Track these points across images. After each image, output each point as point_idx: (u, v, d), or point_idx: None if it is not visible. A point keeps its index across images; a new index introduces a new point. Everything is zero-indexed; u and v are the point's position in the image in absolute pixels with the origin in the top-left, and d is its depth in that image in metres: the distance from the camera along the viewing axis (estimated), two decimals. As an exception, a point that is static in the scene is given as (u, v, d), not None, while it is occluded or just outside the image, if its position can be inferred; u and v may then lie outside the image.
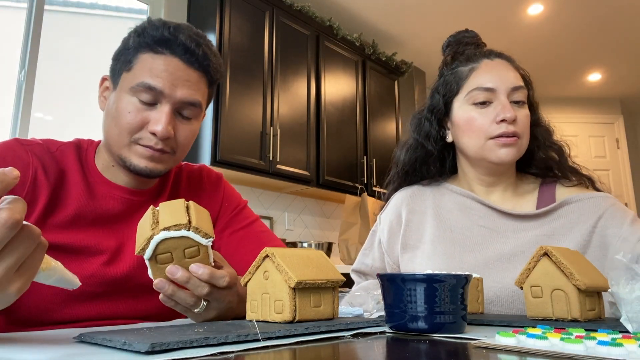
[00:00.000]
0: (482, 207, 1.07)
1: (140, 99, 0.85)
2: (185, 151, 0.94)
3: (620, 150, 5.45)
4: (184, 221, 0.63)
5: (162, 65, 0.85)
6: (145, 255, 0.65)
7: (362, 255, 1.22)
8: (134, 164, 0.87)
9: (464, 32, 1.16)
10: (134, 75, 0.87)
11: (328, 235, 3.80)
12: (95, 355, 0.46)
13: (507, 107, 0.99)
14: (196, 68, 0.89)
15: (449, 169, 1.19)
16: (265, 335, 0.53)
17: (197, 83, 0.89)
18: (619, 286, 0.61)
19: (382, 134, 3.90)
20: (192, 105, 0.89)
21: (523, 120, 1.01)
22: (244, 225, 1.04)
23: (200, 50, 0.88)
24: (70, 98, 2.71)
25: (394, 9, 3.79)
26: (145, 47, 0.87)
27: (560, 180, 1.08)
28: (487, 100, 1.02)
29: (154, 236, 0.63)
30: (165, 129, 0.85)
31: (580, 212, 1.00)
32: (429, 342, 0.56)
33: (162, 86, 0.85)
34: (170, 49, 0.86)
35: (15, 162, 0.84)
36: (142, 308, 0.92)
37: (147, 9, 3.01)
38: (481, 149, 1.03)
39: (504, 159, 1.01)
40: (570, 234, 0.98)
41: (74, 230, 0.87)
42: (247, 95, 2.92)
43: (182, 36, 0.87)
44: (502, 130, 0.99)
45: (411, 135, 1.17)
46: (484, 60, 1.06)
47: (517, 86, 1.02)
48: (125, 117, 0.85)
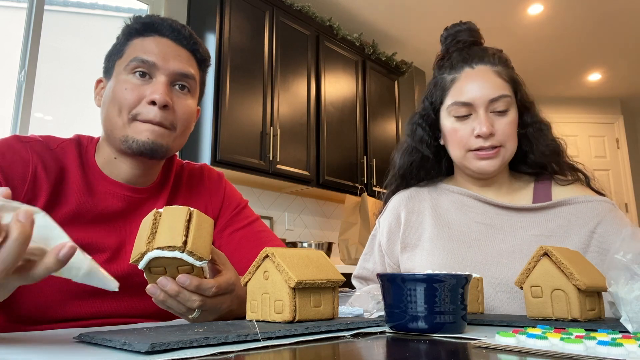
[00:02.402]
0: (478, 203, 1.08)
1: (135, 75, 0.89)
2: (185, 129, 0.94)
3: (620, 150, 5.45)
4: (178, 243, 0.62)
5: (152, 44, 0.91)
6: (139, 266, 0.65)
7: (363, 261, 1.22)
8: (137, 139, 0.87)
9: (458, 25, 1.14)
10: (126, 57, 0.91)
11: (328, 235, 3.80)
12: (95, 355, 0.46)
13: (483, 122, 0.99)
14: (184, 46, 0.94)
15: (445, 169, 1.19)
16: (265, 335, 0.53)
17: (187, 59, 0.94)
18: (618, 286, 0.61)
19: (382, 134, 3.90)
20: (186, 77, 0.92)
21: (504, 129, 1.01)
22: (245, 225, 1.04)
23: (185, 31, 0.94)
24: (70, 98, 2.71)
25: (394, 9, 3.79)
26: (135, 34, 0.92)
27: (554, 177, 1.09)
28: (467, 113, 1.03)
29: (147, 252, 0.63)
30: (163, 95, 0.87)
31: (578, 215, 1.00)
32: (429, 342, 0.56)
33: (154, 59, 0.89)
34: (158, 31, 0.92)
35: (14, 160, 0.84)
36: (143, 306, 0.91)
37: (147, 9, 3.01)
38: (463, 159, 1.05)
39: (485, 170, 1.03)
40: (569, 237, 0.99)
41: (74, 228, 0.86)
42: (247, 95, 2.92)
43: (168, 20, 0.94)
44: (480, 145, 1.01)
45: (407, 140, 1.18)
46: (465, 70, 1.05)
47: (497, 97, 1.01)
48: (122, 93, 0.88)
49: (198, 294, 0.67)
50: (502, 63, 1.06)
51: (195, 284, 0.65)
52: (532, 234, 1.01)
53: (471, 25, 1.13)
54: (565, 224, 1.00)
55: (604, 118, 5.53)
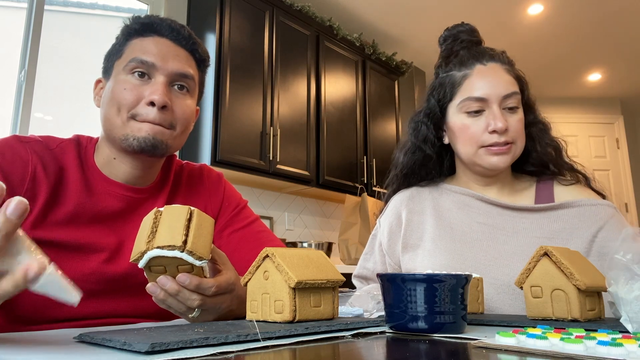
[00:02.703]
0: (480, 203, 1.08)
1: (134, 75, 0.89)
2: (184, 129, 0.94)
3: (620, 150, 5.45)
4: (178, 243, 0.62)
5: (151, 44, 0.91)
6: (139, 265, 0.65)
7: (364, 260, 1.22)
8: (137, 136, 0.87)
9: (459, 25, 1.14)
10: (125, 57, 0.91)
11: (328, 235, 3.80)
12: (95, 355, 0.46)
13: (498, 118, 1.00)
14: (183, 46, 0.94)
15: (446, 169, 1.19)
16: (265, 335, 0.53)
17: (186, 59, 0.94)
18: (618, 286, 0.61)
19: (382, 134, 3.90)
20: (185, 77, 0.92)
21: (516, 126, 1.02)
22: (244, 225, 1.04)
23: (185, 31, 0.95)
24: (70, 98, 2.71)
25: (394, 9, 3.79)
26: (134, 34, 0.93)
27: (556, 178, 1.09)
28: (479, 109, 1.03)
29: (147, 251, 0.63)
30: (162, 96, 0.87)
31: (580, 219, 1.00)
32: (429, 342, 0.56)
33: (153, 60, 0.89)
34: (157, 32, 0.93)
35: (14, 159, 0.84)
36: (142, 306, 0.91)
37: (147, 9, 3.01)
38: (474, 156, 1.05)
39: (497, 166, 1.03)
40: (571, 240, 0.98)
41: (73, 228, 0.86)
42: (247, 95, 2.92)
43: (167, 20, 0.94)
44: (494, 141, 1.01)
45: (409, 139, 1.18)
46: (476, 66, 1.05)
47: (509, 93, 1.02)
48: (121, 93, 0.88)
49: (198, 294, 0.67)
50: (509, 62, 1.08)
51: (195, 284, 0.65)
52: (535, 236, 1.01)
53: (472, 27, 1.14)
54: (568, 227, 1.00)
55: (603, 118, 5.53)
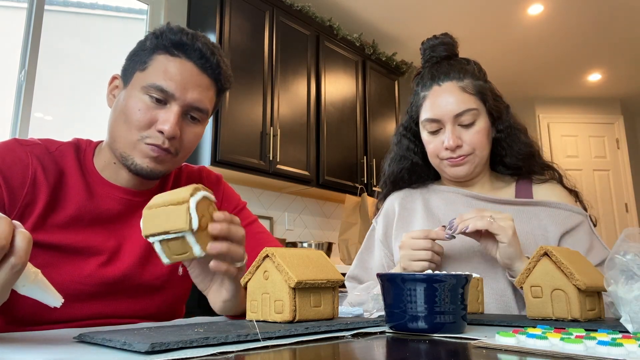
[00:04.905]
0: (465, 198, 1.15)
1: (150, 98, 0.87)
2: (187, 154, 0.95)
3: (620, 150, 5.44)
4: (191, 189, 0.65)
5: (176, 68, 0.88)
6: (194, 225, 0.63)
7: (359, 260, 1.26)
8: (137, 163, 0.87)
9: (432, 39, 1.19)
10: (147, 74, 0.88)
11: (328, 235, 3.80)
12: (95, 355, 0.46)
13: (448, 137, 1.09)
14: (208, 74, 0.92)
15: (433, 173, 1.25)
16: (265, 335, 0.53)
17: (207, 89, 0.92)
18: (617, 286, 0.61)
19: (382, 134, 3.90)
20: (199, 110, 0.91)
21: (472, 139, 1.09)
22: (244, 226, 1.04)
23: (214, 59, 0.91)
24: (70, 98, 2.71)
25: (394, 9, 3.79)
26: (162, 49, 0.89)
27: (533, 177, 1.17)
28: (437, 128, 1.11)
29: (193, 196, 0.64)
30: (173, 128, 0.86)
31: (554, 219, 1.08)
32: (429, 342, 0.56)
33: (173, 89, 0.87)
34: (186, 53, 0.89)
35: (14, 163, 0.84)
36: (140, 308, 0.92)
37: (147, 9, 3.01)
38: (438, 167, 1.16)
39: (458, 175, 1.12)
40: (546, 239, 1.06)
41: (73, 231, 0.87)
42: (247, 95, 2.92)
43: (199, 43, 0.90)
44: (449, 156, 1.10)
45: (394, 149, 1.27)
46: (433, 88, 1.12)
47: (460, 112, 1.08)
48: (135, 114, 0.87)
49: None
50: (468, 76, 1.11)
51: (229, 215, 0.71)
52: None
53: (445, 39, 1.18)
54: (543, 224, 1.07)
55: (603, 118, 5.53)
